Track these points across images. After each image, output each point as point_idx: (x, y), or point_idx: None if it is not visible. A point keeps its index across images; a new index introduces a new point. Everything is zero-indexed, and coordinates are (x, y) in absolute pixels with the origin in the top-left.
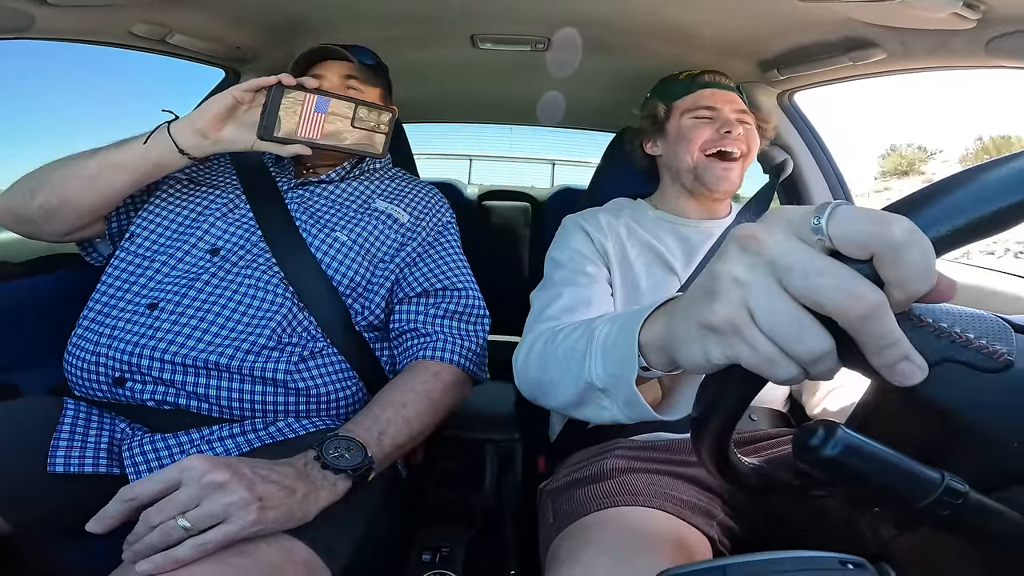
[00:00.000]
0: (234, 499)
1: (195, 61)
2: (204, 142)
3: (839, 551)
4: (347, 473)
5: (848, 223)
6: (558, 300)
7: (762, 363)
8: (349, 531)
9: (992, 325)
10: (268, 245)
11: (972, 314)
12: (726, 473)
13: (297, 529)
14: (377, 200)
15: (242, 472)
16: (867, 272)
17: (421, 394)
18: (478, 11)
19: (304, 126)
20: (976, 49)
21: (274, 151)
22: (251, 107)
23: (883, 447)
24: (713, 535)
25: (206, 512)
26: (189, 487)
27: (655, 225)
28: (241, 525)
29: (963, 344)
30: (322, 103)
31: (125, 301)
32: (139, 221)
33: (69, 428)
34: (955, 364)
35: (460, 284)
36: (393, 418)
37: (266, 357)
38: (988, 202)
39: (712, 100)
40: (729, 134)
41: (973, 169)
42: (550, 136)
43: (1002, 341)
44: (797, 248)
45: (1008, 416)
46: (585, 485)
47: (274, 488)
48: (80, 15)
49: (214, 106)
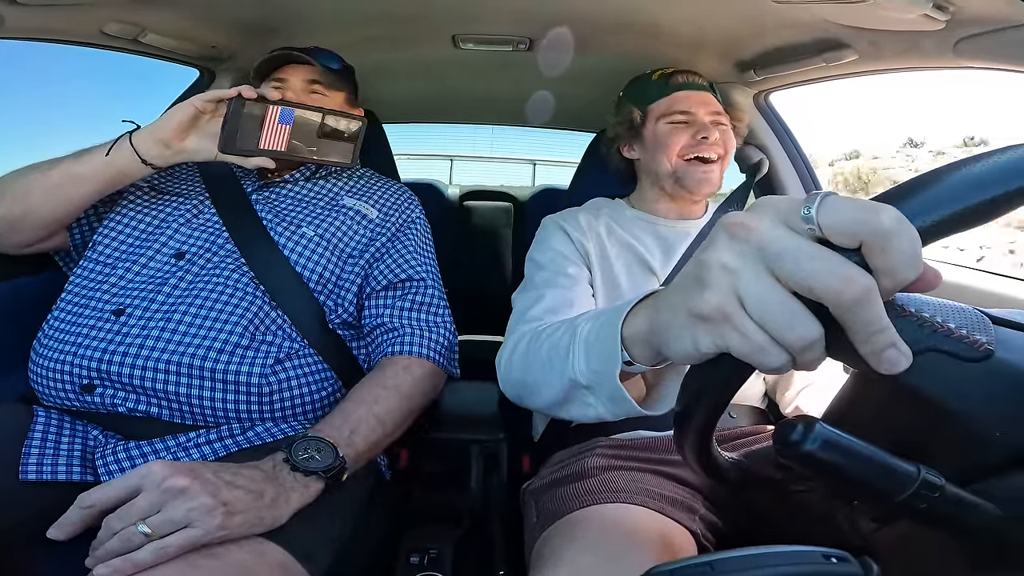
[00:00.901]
0: (195, 504)
1: (169, 61)
2: (167, 152)
3: (820, 545)
4: (318, 474)
5: (838, 212)
6: (540, 302)
7: (753, 351)
8: (329, 533)
9: (972, 316)
10: (236, 246)
11: (953, 306)
12: (708, 468)
13: (271, 531)
14: (345, 197)
15: (204, 477)
16: (856, 260)
17: (392, 389)
18: (459, 11)
19: (267, 138)
20: (945, 50)
21: (237, 163)
22: (214, 117)
23: (860, 441)
24: (696, 530)
25: (167, 518)
26: (149, 493)
27: (634, 225)
28: (205, 530)
29: (945, 334)
30: (286, 114)
31: (90, 308)
32: (102, 230)
33: (41, 435)
34: (938, 353)
35: (421, 274)
36: (364, 416)
37: (240, 357)
38: (973, 193)
39: (687, 104)
40: (706, 139)
41: (960, 161)
42: (531, 136)
43: (982, 332)
44: (787, 235)
45: (988, 404)
46: (567, 484)
47: (239, 492)
48: (51, 15)
49: (176, 116)
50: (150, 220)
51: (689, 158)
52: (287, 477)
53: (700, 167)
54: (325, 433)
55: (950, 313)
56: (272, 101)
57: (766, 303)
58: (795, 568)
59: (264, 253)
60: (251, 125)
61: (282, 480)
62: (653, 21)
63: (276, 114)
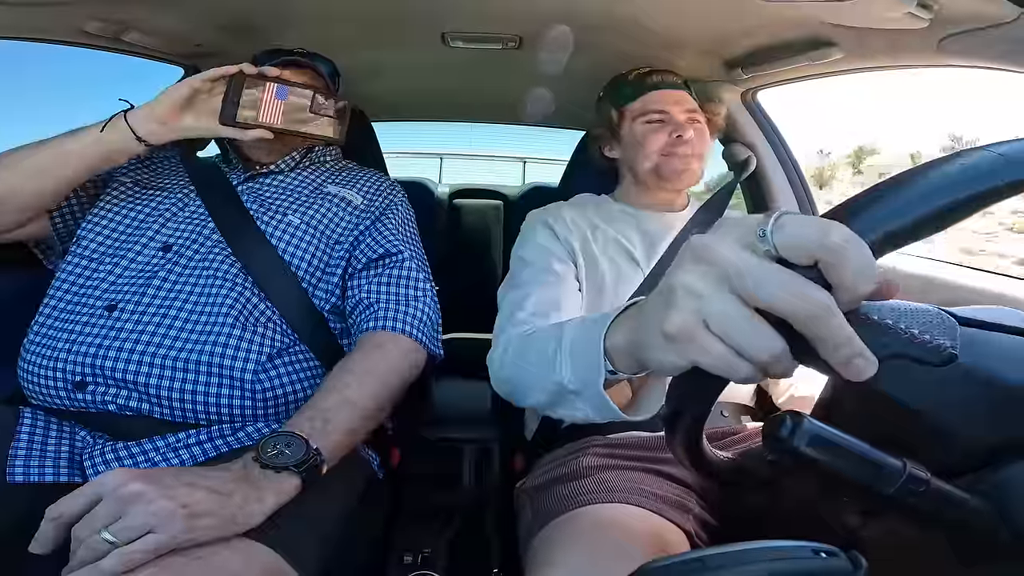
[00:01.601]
0: (153, 508)
1: (153, 59)
2: (162, 129)
3: (812, 540)
4: (290, 469)
5: (791, 231)
6: (527, 300)
7: (720, 366)
8: (320, 533)
9: (938, 320)
10: (222, 236)
11: (917, 309)
12: (700, 467)
13: (258, 532)
14: (329, 185)
15: (162, 481)
16: (814, 276)
17: (365, 372)
18: (449, 9)
19: (265, 112)
20: (928, 48)
21: (236, 136)
22: (210, 96)
23: (847, 436)
24: (689, 529)
25: (126, 525)
26: (107, 501)
27: (618, 219)
28: (170, 534)
29: (909, 339)
30: (281, 91)
31: (81, 304)
32: (86, 225)
33: (27, 437)
34: (903, 359)
35: (399, 248)
36: (337, 404)
37: (234, 349)
38: (921, 205)
39: (662, 103)
40: (681, 138)
41: (909, 172)
42: (521, 134)
43: (946, 335)
44: (747, 256)
45: (953, 405)
46: (562, 483)
47: (202, 494)
48: (30, 13)
49: (173, 95)
50: (135, 215)
51: (667, 154)
52: (259, 475)
53: (678, 159)
54: (295, 427)
55: (915, 318)
56: (269, 78)
57: (728, 321)
58: (785, 563)
59: (251, 242)
60: (250, 100)
61: (253, 479)
62: (641, 19)
63: (273, 91)
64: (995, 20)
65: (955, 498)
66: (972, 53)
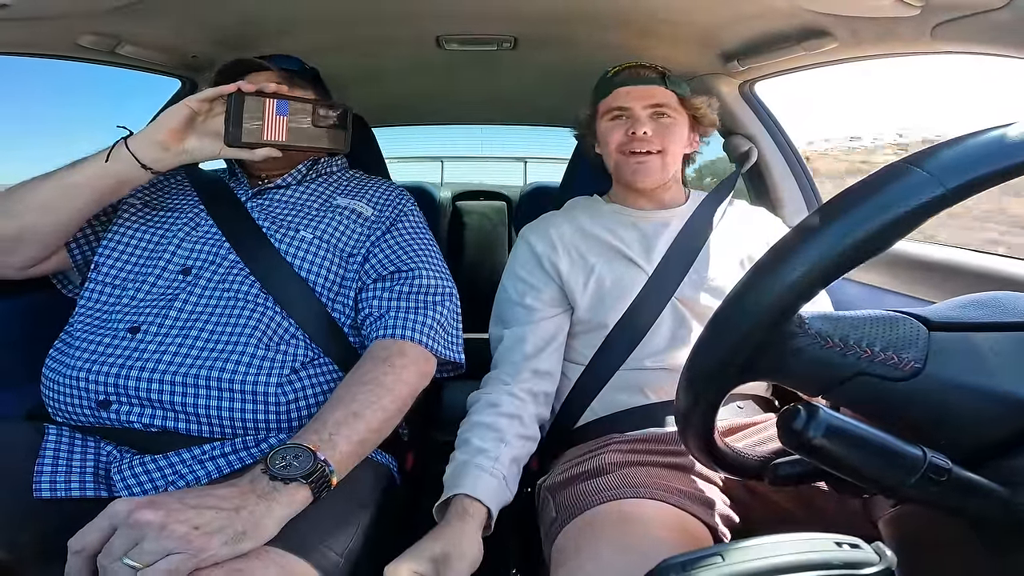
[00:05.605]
0: (167, 533)
1: (148, 71)
2: (166, 155)
3: (834, 532)
4: (299, 481)
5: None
6: (502, 343)
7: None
8: (344, 541)
9: (904, 329)
10: (239, 256)
11: (881, 320)
12: (719, 463)
13: (288, 544)
14: (338, 197)
15: (169, 506)
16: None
17: (370, 382)
18: (441, 12)
19: (269, 130)
20: (922, 35)
21: (243, 156)
22: (208, 117)
23: (864, 426)
24: (714, 524)
25: (146, 549)
26: (121, 531)
27: (609, 219)
28: (190, 554)
29: (870, 358)
30: (282, 106)
31: (105, 326)
32: (102, 251)
33: (52, 453)
34: (867, 377)
35: (411, 265)
36: (343, 416)
37: (257, 368)
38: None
39: (625, 100)
40: (635, 135)
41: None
42: (520, 134)
43: (910, 348)
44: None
45: (921, 418)
46: (585, 480)
47: (210, 513)
48: (24, 27)
49: (171, 118)
50: (150, 237)
51: (625, 152)
52: (267, 488)
53: (634, 159)
54: (304, 439)
55: (877, 333)
56: (268, 94)
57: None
58: (806, 556)
59: (267, 261)
60: (253, 118)
61: (262, 492)
62: (634, 15)
63: (273, 106)
64: (986, 6)
65: (980, 488)
66: (967, 39)
